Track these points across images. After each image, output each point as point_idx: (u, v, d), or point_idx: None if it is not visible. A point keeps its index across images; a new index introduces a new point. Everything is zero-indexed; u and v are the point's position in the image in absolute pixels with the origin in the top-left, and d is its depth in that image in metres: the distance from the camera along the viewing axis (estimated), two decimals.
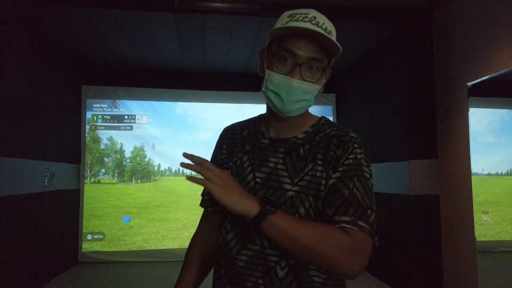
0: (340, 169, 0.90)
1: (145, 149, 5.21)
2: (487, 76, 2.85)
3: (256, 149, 1.05)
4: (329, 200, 0.88)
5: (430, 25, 3.62)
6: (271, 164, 0.98)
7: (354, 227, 0.82)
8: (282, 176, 0.95)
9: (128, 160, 5.18)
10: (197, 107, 5.37)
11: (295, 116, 0.99)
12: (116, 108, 5.12)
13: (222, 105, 5.37)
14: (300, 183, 0.92)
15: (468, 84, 3.04)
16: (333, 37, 0.94)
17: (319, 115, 1.10)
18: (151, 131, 5.22)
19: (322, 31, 0.90)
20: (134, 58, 4.74)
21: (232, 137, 1.19)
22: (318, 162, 0.93)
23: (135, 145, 5.18)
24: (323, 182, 0.90)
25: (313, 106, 1.00)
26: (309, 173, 0.92)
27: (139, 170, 5.20)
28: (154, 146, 5.22)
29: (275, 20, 1.02)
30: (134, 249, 4.87)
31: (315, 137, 0.98)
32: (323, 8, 0.87)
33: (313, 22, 0.92)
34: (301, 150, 0.97)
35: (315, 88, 0.96)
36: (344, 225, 0.83)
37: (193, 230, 1.25)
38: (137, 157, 5.20)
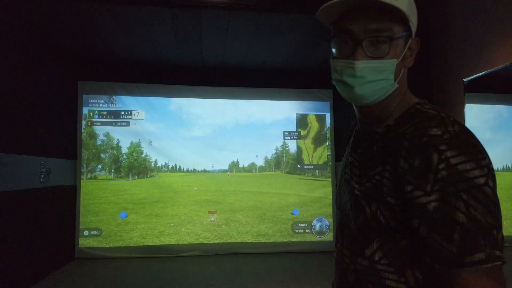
0: (436, 187, 0.67)
1: (141, 145, 5.19)
2: (483, 72, 2.85)
3: (350, 142, 0.97)
4: (441, 233, 0.66)
5: (427, 21, 3.62)
6: (352, 160, 0.90)
7: (496, 262, 0.64)
8: (355, 174, 0.86)
9: (124, 156, 5.16)
10: (194, 103, 5.36)
11: (376, 104, 0.83)
12: (113, 103, 5.10)
13: (219, 101, 5.36)
14: (366, 184, 0.81)
15: (465, 80, 3.04)
16: None
17: (315, 112, 0.99)
18: (148, 127, 5.20)
19: None
20: (130, 54, 4.71)
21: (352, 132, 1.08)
22: (387, 167, 0.76)
23: (132, 141, 5.16)
24: (393, 195, 0.74)
25: (309, 101, 0.91)
26: (376, 177, 0.78)
27: (135, 166, 5.19)
28: (151, 142, 5.21)
29: (272, 15, 0.98)
30: (131, 245, 4.87)
31: (391, 133, 0.80)
32: (321, 5, 0.83)
33: None
34: (375, 147, 0.83)
35: (389, 63, 0.79)
36: (483, 266, 0.64)
37: (190, 226, 1.24)
38: (134, 153, 5.18)
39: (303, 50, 4.52)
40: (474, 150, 0.68)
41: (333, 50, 0.85)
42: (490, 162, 0.69)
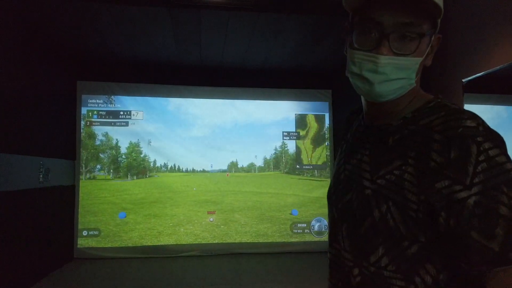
0: (476, 179, 0.63)
1: (140, 145, 5.19)
2: (482, 73, 2.86)
3: (352, 138, 0.90)
4: (482, 230, 0.62)
5: None
6: (358, 156, 0.82)
7: None
8: (364, 170, 0.78)
9: (123, 156, 5.16)
10: (193, 103, 5.35)
11: (392, 100, 0.78)
12: (112, 104, 5.09)
13: (218, 101, 5.36)
14: (379, 181, 0.74)
15: (463, 80, 3.04)
16: None
17: (314, 112, 0.93)
18: (146, 127, 5.20)
19: None
20: (129, 54, 4.71)
21: (352, 122, 1.00)
22: (409, 161, 0.70)
23: (131, 141, 5.16)
24: (415, 191, 0.68)
25: (308, 102, 0.84)
26: (394, 172, 0.72)
27: (134, 166, 5.19)
28: (150, 142, 5.21)
29: (271, 15, 0.95)
30: (130, 245, 4.87)
31: (411, 126, 0.74)
32: (320, 5, 0.81)
33: None
34: (390, 140, 0.76)
35: (414, 61, 0.73)
36: None
37: (189, 226, 1.23)
38: (133, 153, 5.18)
39: (302, 50, 4.52)
40: (503, 144, 0.67)
41: (353, 39, 0.77)
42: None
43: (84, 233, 4.81)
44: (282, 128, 5.49)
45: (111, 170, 5.14)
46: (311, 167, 5.48)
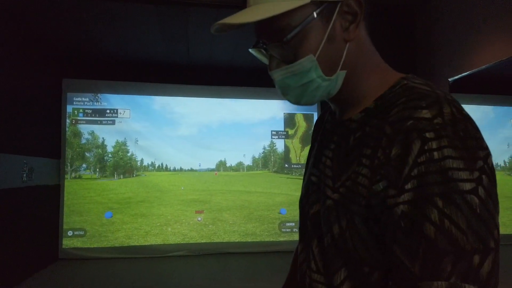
0: (408, 185, 0.51)
1: (127, 144, 5.13)
2: (468, 72, 2.89)
3: (320, 137, 0.78)
4: (405, 247, 0.51)
5: (413, 21, 3.65)
6: (322, 159, 0.71)
7: None
8: (327, 176, 0.67)
9: (110, 155, 5.09)
10: (180, 101, 5.31)
11: (343, 90, 0.66)
12: (98, 102, 5.02)
13: (207, 99, 5.32)
14: (340, 190, 0.62)
15: (450, 79, 3.07)
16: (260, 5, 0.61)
17: (303, 111, 0.79)
18: (134, 126, 5.14)
19: (240, 20, 0.62)
20: (116, 51, 4.64)
21: (322, 123, 0.85)
22: (363, 161, 0.59)
23: (118, 140, 5.09)
24: (365, 193, 0.56)
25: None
26: (352, 176, 0.60)
27: (121, 165, 5.12)
28: (137, 140, 5.15)
29: None
30: (116, 245, 4.80)
31: (373, 120, 0.61)
32: None
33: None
34: (351, 139, 0.64)
35: (306, 61, 0.61)
36: None
37: (176, 226, 1.17)
38: (120, 152, 5.11)
39: None
40: (471, 145, 0.51)
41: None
42: (488, 164, 0.51)
43: (69, 233, 4.73)
44: (271, 127, 5.48)
45: (97, 169, 5.07)
46: (300, 166, 5.49)
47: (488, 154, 0.52)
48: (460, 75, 2.98)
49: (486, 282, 0.47)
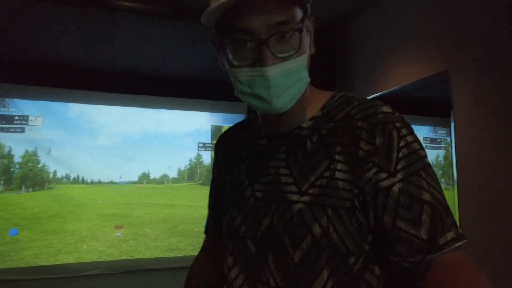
0: (399, 166, 0.62)
1: (38, 154, 4.71)
2: (379, 93, 3.14)
3: (252, 154, 0.80)
4: (409, 218, 0.60)
5: (334, 41, 3.90)
6: (272, 171, 0.73)
7: (463, 240, 0.60)
8: (286, 184, 0.70)
9: (17, 166, 4.63)
10: (100, 110, 5.02)
11: (298, 100, 0.71)
12: (5, 107, 4.56)
13: (129, 109, 5.10)
14: (310, 191, 0.66)
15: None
16: None
17: (230, 124, 0.84)
18: (46, 134, 4.74)
19: None
20: (30, 53, 4.28)
21: (228, 144, 0.91)
22: (337, 157, 0.66)
23: (27, 149, 4.65)
24: (348, 187, 0.64)
25: (225, 114, 0.75)
26: (324, 174, 0.66)
27: (30, 177, 4.68)
28: (50, 150, 4.75)
29: (187, 25, 0.89)
30: (22, 265, 4.34)
31: (327, 123, 0.70)
32: None
33: None
34: (308, 143, 0.70)
35: (301, 59, 0.66)
36: (456, 244, 0.59)
37: (92, 243, 1.10)
38: (29, 163, 4.67)
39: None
40: (413, 130, 0.67)
41: (229, 56, 0.69)
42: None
43: None
44: (198, 139, 5.43)
45: (2, 182, 4.58)
46: None
47: None
48: (373, 95, 3.23)
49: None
